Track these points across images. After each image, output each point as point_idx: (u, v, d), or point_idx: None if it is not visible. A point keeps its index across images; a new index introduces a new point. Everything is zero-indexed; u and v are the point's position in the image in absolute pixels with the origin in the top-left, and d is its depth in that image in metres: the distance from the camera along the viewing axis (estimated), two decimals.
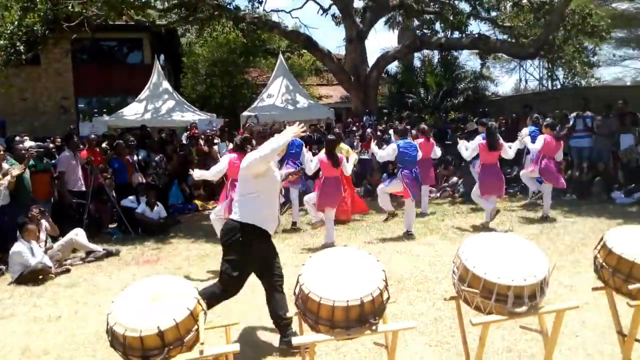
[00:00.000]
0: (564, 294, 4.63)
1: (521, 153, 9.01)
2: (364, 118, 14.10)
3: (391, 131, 8.99)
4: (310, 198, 7.38)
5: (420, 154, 7.52)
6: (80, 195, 8.00)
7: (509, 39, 16.15)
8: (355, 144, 11.95)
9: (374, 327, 2.43)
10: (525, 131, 8.26)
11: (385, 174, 10.01)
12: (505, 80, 65.83)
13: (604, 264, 2.76)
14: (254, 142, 6.08)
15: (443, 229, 7.60)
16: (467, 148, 7.61)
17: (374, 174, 11.03)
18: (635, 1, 20.52)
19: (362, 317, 2.41)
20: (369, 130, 12.18)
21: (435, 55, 20.68)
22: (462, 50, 18.63)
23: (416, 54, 20.68)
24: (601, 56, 25.44)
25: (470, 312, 2.61)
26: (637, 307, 2.58)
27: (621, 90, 17.41)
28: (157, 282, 2.57)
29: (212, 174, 5.86)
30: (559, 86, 24.17)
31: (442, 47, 16.33)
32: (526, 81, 29.85)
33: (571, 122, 10.38)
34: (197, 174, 5.76)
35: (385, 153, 7.25)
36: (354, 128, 12.99)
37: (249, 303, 4.77)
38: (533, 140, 7.95)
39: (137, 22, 13.43)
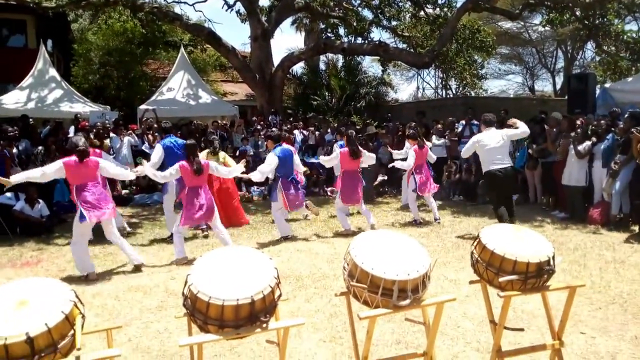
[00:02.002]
0: (449, 288, 4.96)
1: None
2: (270, 117, 14.09)
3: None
4: None
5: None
6: None
7: (408, 48, 17.05)
8: (260, 142, 11.90)
9: (264, 325, 2.41)
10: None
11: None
12: (404, 87, 69.28)
13: (479, 258, 2.98)
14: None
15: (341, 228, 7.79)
16: (328, 157, 7.70)
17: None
18: (517, 21, 22.61)
19: (253, 316, 2.38)
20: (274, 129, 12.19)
21: (340, 60, 21.24)
22: (364, 55, 19.30)
23: (321, 57, 21.10)
24: (488, 69, 27.89)
25: (361, 308, 2.69)
26: (505, 298, 2.81)
27: (505, 101, 19.05)
28: (27, 285, 2.34)
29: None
30: (451, 95, 25.97)
31: (345, 52, 16.77)
32: (423, 89, 31.77)
33: (459, 129, 11.18)
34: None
35: (269, 169, 6.83)
36: (259, 127, 12.92)
37: (140, 306, 4.56)
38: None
39: (20, 1, 12.23)
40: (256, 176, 6.77)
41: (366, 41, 16.49)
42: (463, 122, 11.26)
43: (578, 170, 7.93)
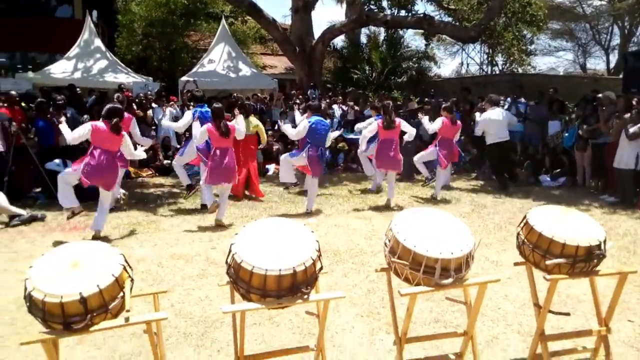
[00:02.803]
0: (490, 269, 4.88)
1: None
2: (309, 91, 13.99)
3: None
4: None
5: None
6: None
7: (453, 22, 16.49)
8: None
9: (305, 297, 2.43)
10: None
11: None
12: (448, 62, 67.52)
13: (525, 240, 2.89)
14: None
15: (380, 204, 7.75)
16: (365, 128, 7.86)
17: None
18: None
19: (294, 287, 2.40)
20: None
21: (382, 33, 20.79)
22: (407, 28, 18.82)
23: (363, 30, 20.69)
24: (538, 45, 26.73)
25: (400, 284, 2.67)
26: (552, 281, 2.73)
27: (554, 79, 18.31)
28: (80, 248, 2.43)
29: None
30: (497, 72, 25.12)
31: (388, 25, 16.38)
32: (467, 65, 30.75)
33: (505, 107, 10.82)
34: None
35: (296, 131, 7.12)
36: (297, 101, 12.85)
37: (182, 273, 4.69)
38: None
39: None
40: (286, 129, 7.28)
41: (410, 14, 16.03)
42: (509, 99, 10.88)
43: (629, 152, 7.58)
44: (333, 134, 7.63)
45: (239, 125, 6.59)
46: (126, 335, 3.43)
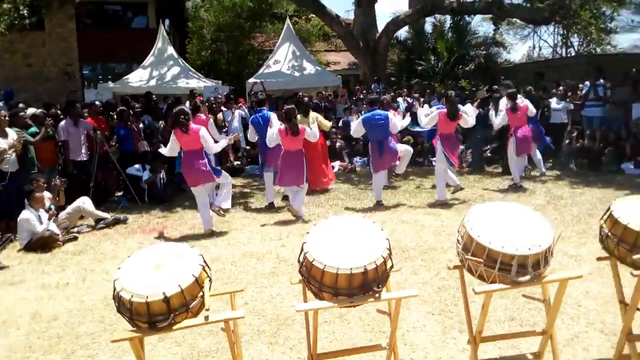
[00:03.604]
0: (569, 264, 4.64)
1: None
2: (372, 86, 13.89)
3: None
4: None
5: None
6: (80, 166, 7.87)
7: (524, 4, 15.68)
8: (363, 112, 11.81)
9: (377, 295, 2.43)
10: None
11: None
12: (518, 47, 64.41)
13: (609, 234, 2.73)
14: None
15: (449, 198, 7.57)
16: (427, 115, 7.38)
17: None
18: None
19: (366, 285, 2.41)
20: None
21: (447, 20, 20.16)
22: (475, 15, 18.13)
23: (427, 19, 20.16)
24: (619, 22, 24.77)
25: (473, 282, 2.61)
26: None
27: (638, 58, 16.97)
28: (162, 249, 2.58)
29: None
30: (573, 53, 23.66)
31: (455, 12, 15.88)
32: (540, 48, 29.23)
33: (584, 90, 10.20)
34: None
35: (353, 129, 7.27)
36: (361, 96, 12.83)
37: (254, 272, 4.84)
38: None
39: None
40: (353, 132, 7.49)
41: None
42: (587, 83, 10.22)
43: None
44: (400, 122, 7.50)
45: (313, 129, 6.77)
46: (204, 332, 3.60)
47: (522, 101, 7.98)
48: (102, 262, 5.42)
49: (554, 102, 10.25)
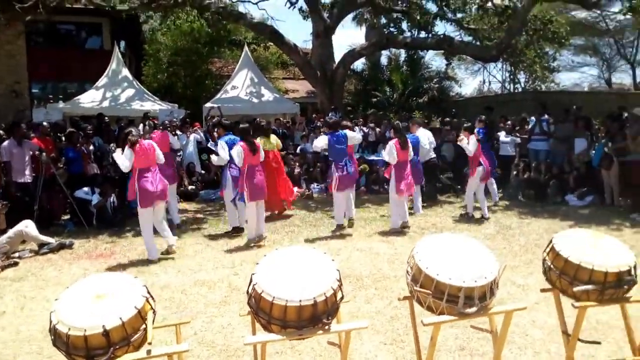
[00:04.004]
0: (517, 294, 4.76)
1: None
2: (329, 114, 14.09)
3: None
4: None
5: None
6: (24, 188, 7.53)
7: (474, 41, 16.47)
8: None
9: (326, 327, 2.41)
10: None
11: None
12: (469, 81, 67.32)
13: (551, 266, 2.83)
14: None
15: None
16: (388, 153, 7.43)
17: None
18: (593, 10, 21.28)
19: (315, 317, 2.38)
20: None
21: (402, 54, 20.90)
22: (427, 50, 18.87)
23: (383, 52, 20.84)
24: (561, 62, 26.47)
25: (424, 312, 2.63)
26: (580, 308, 2.65)
27: (579, 95, 18.04)
28: (104, 280, 2.48)
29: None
30: (520, 89, 24.89)
31: (408, 46, 16.47)
32: (489, 83, 30.64)
33: (530, 125, 10.70)
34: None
35: (317, 142, 7.51)
36: (319, 124, 12.96)
37: (205, 301, 4.71)
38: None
39: (97, 6, 12.91)
40: (315, 143, 7.58)
41: (430, 35, 16.10)
42: (533, 118, 10.75)
43: None
44: (357, 134, 7.92)
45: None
46: None
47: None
48: (44, 289, 5.14)
49: (502, 136, 10.71)
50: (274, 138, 8.49)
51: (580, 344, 2.88)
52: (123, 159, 5.91)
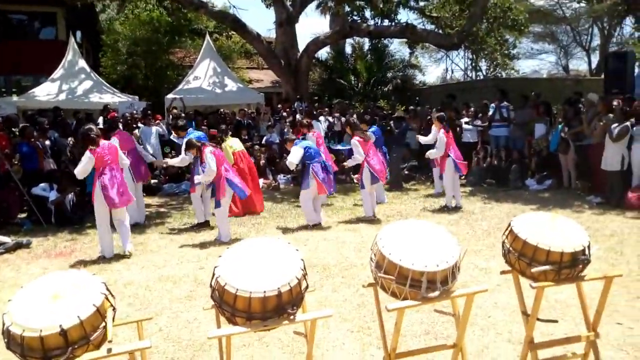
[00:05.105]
0: (479, 277, 4.87)
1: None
2: (295, 104, 14.01)
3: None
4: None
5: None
6: None
7: (436, 29, 16.65)
8: (285, 130, 11.86)
9: (291, 317, 2.40)
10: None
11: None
12: (432, 69, 68.18)
13: (510, 248, 2.89)
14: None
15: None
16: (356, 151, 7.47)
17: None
18: None
19: (280, 307, 2.37)
20: (298, 116, 12.10)
21: (366, 43, 20.94)
22: (390, 38, 18.98)
23: (347, 41, 20.83)
24: (520, 49, 27.09)
25: (388, 298, 2.66)
26: (538, 289, 2.73)
27: (538, 82, 18.50)
28: (59, 278, 2.38)
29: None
30: (481, 77, 25.36)
31: (372, 35, 16.50)
32: (452, 71, 31.13)
33: (490, 112, 10.92)
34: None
35: (293, 159, 6.98)
36: (284, 114, 12.89)
37: (170, 296, 4.63)
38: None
39: None
40: (290, 159, 7.02)
41: (393, 23, 16.19)
42: (493, 105, 10.98)
43: (613, 154, 7.65)
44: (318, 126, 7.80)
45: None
46: None
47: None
48: (0, 290, 4.95)
49: (464, 123, 10.91)
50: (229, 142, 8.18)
51: (539, 323, 2.97)
52: (81, 166, 5.72)
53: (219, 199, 6.33)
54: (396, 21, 16.34)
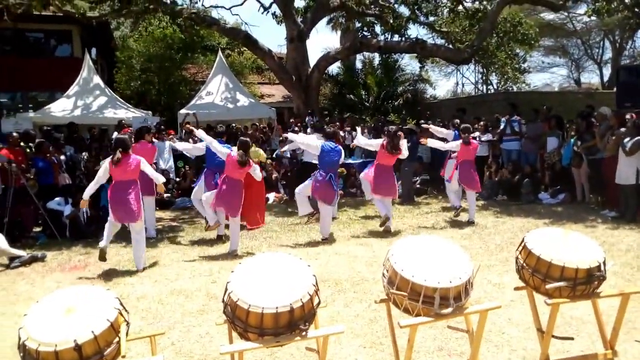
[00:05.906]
0: (493, 292, 4.82)
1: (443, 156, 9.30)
2: (307, 119, 14.09)
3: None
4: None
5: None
6: None
7: (446, 44, 16.70)
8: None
9: (303, 333, 2.40)
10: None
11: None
12: (443, 83, 68.23)
13: (524, 264, 2.88)
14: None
15: (380, 229, 7.70)
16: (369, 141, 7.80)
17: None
18: (561, 12, 21.81)
19: (292, 323, 2.38)
20: (309, 131, 12.14)
21: (377, 57, 21.05)
22: (400, 53, 19.05)
23: (358, 56, 20.95)
24: (531, 63, 27.09)
25: (401, 314, 2.64)
26: (553, 306, 2.70)
27: (549, 95, 18.45)
28: (74, 293, 2.42)
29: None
30: (492, 90, 25.33)
31: (382, 50, 16.58)
32: (463, 85, 31.18)
33: (502, 126, 10.88)
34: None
35: (306, 140, 7.44)
36: (296, 128, 12.95)
37: (182, 310, 4.64)
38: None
39: (66, 13, 12.64)
40: (305, 139, 7.52)
41: (403, 38, 16.24)
42: (504, 119, 10.94)
43: (627, 167, 7.57)
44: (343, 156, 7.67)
45: (257, 170, 6.66)
46: None
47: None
48: (15, 304, 4.99)
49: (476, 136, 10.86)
50: (254, 149, 8.37)
51: (554, 340, 2.93)
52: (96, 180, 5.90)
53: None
54: (406, 36, 16.40)
